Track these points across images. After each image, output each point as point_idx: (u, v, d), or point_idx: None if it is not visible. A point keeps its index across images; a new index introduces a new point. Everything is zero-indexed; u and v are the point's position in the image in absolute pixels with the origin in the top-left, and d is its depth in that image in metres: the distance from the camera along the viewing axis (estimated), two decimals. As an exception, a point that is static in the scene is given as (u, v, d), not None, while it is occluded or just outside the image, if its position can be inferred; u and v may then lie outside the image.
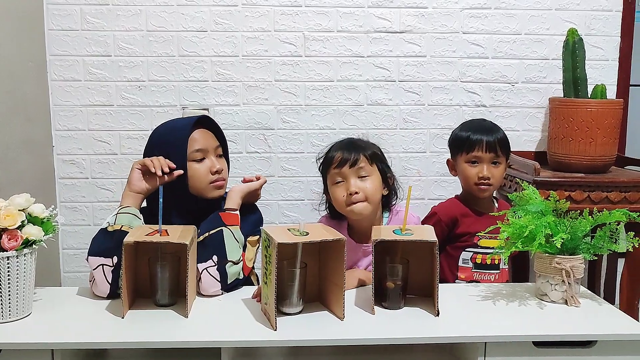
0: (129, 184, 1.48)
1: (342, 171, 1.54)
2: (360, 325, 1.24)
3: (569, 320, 1.28)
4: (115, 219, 1.41)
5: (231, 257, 1.41)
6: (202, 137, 1.52)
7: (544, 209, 1.38)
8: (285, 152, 2.31)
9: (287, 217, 2.33)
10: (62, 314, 1.28)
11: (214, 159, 1.52)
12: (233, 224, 1.45)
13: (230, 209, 1.49)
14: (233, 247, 1.42)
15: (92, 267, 1.37)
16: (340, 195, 1.55)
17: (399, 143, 2.32)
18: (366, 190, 1.53)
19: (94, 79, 2.23)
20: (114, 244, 1.35)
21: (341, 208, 1.57)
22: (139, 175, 1.48)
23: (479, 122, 1.79)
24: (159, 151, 1.49)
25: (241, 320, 1.25)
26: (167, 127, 1.56)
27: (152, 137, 1.56)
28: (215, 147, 1.54)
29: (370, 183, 1.54)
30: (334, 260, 1.28)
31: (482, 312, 1.32)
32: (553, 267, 1.36)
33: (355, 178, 1.54)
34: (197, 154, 1.50)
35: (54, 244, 2.27)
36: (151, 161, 1.46)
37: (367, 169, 1.55)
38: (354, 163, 1.53)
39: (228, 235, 1.43)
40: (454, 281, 1.71)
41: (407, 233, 1.33)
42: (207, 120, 1.56)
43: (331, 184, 1.58)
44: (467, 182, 1.73)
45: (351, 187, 1.53)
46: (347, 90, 2.29)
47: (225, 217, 1.46)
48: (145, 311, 1.29)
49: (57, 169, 2.27)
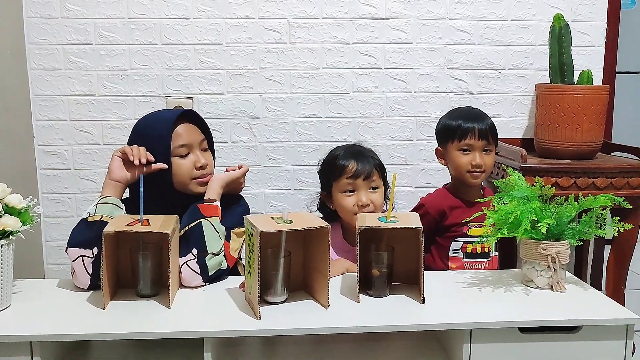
0: (109, 172, 1.45)
1: (355, 182, 1.57)
2: (345, 313, 1.23)
3: (555, 305, 1.28)
4: (96, 209, 1.38)
5: (211, 249, 1.39)
6: (186, 131, 1.49)
7: (529, 194, 1.37)
8: (271, 141, 2.28)
9: (273, 207, 2.31)
10: (42, 305, 1.25)
11: (199, 154, 1.50)
12: (212, 215, 1.43)
13: (209, 199, 1.46)
14: (213, 238, 1.40)
15: (72, 259, 1.35)
16: (349, 205, 1.58)
17: (385, 131, 2.30)
18: (375, 202, 1.58)
19: (75, 68, 2.19)
20: (94, 234, 1.33)
21: (347, 216, 1.60)
22: (120, 164, 1.45)
23: (467, 109, 1.78)
24: (142, 144, 1.46)
25: (225, 310, 1.24)
26: (149, 120, 1.53)
27: (135, 129, 1.53)
28: (200, 141, 1.51)
29: (379, 195, 1.60)
30: (319, 248, 1.27)
31: (468, 299, 1.31)
32: (539, 253, 1.35)
33: (366, 190, 1.58)
34: (182, 150, 1.47)
35: (37, 236, 2.24)
36: (131, 149, 1.44)
37: (377, 182, 1.60)
38: (368, 176, 1.57)
39: (207, 227, 1.41)
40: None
41: (392, 220, 1.32)
42: (191, 114, 1.53)
43: (339, 191, 1.60)
44: (459, 171, 1.71)
45: (362, 199, 1.56)
46: (333, 78, 2.27)
47: (204, 209, 1.43)
48: (127, 302, 1.27)
49: (38, 160, 2.23)
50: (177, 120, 1.48)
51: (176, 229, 1.34)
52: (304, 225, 1.23)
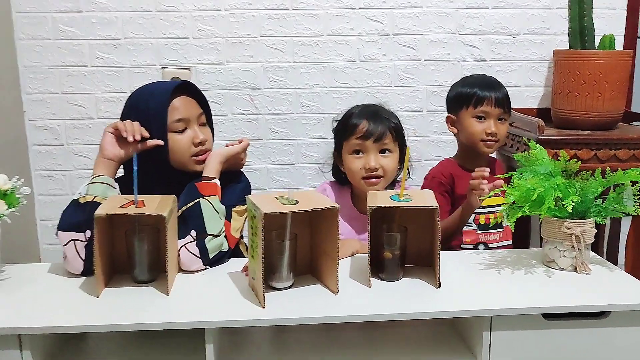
0: (101, 149, 1.36)
1: (364, 143, 1.46)
2: (355, 300, 1.14)
3: (580, 289, 1.19)
4: (88, 190, 1.29)
5: (211, 231, 1.30)
6: (183, 105, 1.38)
7: (553, 169, 1.27)
8: (274, 114, 2.18)
9: (276, 182, 2.22)
10: (31, 294, 1.17)
11: (197, 129, 1.40)
12: (211, 194, 1.33)
13: (207, 177, 1.36)
14: (212, 219, 1.31)
15: (63, 243, 1.26)
16: (357, 167, 1.47)
17: (393, 101, 2.19)
18: (385, 168, 1.47)
19: (65, 37, 2.07)
20: (86, 217, 1.23)
21: (354, 179, 1.50)
22: (112, 140, 1.36)
23: (482, 77, 1.70)
24: (136, 119, 1.36)
25: (227, 297, 1.15)
26: (144, 92, 1.42)
27: (129, 102, 1.42)
28: (197, 115, 1.41)
29: (390, 160, 1.48)
30: (327, 230, 1.18)
31: (487, 282, 1.23)
32: (562, 232, 1.26)
33: (376, 153, 1.47)
34: (179, 124, 1.37)
35: (30, 216, 2.15)
36: (124, 125, 1.34)
37: (390, 146, 1.48)
38: (379, 138, 1.46)
39: (206, 206, 1.31)
40: (460, 246, 1.62)
41: (406, 199, 1.22)
42: (188, 86, 1.43)
43: (348, 152, 1.49)
44: (472, 139, 1.63)
45: (371, 162, 1.46)
46: (338, 46, 2.14)
47: (202, 187, 1.34)
48: (122, 289, 1.19)
49: (29, 136, 2.13)
50: (174, 93, 1.37)
51: (174, 210, 1.25)
52: (310, 206, 1.14)
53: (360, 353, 1.20)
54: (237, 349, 1.20)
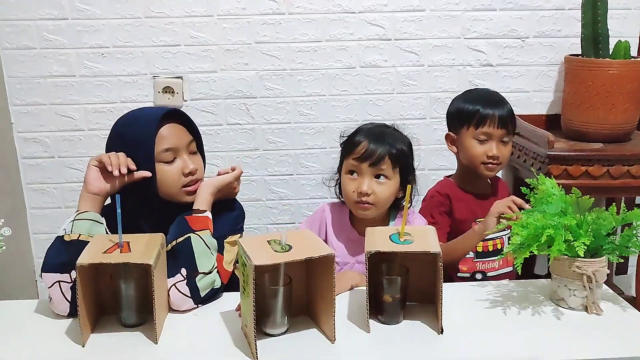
0: (86, 184, 1.29)
1: (360, 165, 1.38)
2: (353, 349, 1.08)
3: (592, 336, 1.12)
4: (72, 227, 1.23)
5: (202, 269, 1.23)
6: (171, 133, 1.31)
7: (564, 207, 1.19)
8: (270, 123, 2.09)
9: (274, 193, 2.15)
10: (14, 342, 1.11)
11: (187, 158, 1.32)
12: (202, 229, 1.26)
13: (198, 210, 1.29)
14: (203, 256, 1.24)
15: (48, 285, 1.20)
16: (350, 189, 1.40)
17: (395, 109, 2.10)
18: (378, 195, 1.38)
19: (51, 46, 1.98)
20: (70, 257, 1.17)
21: (347, 201, 1.43)
22: (97, 174, 1.28)
23: (486, 92, 1.60)
24: (121, 149, 1.29)
25: (218, 345, 1.09)
26: (129, 119, 1.34)
27: (114, 130, 1.35)
28: (187, 143, 1.33)
29: (385, 188, 1.39)
30: (323, 275, 1.11)
31: (491, 326, 1.15)
32: (572, 271, 1.19)
33: (370, 178, 1.38)
34: (167, 155, 1.30)
35: (24, 230, 2.10)
36: (108, 157, 1.27)
37: (387, 172, 1.38)
38: (376, 162, 1.37)
39: (197, 242, 1.25)
40: (456, 275, 1.55)
41: (407, 241, 1.15)
42: (177, 113, 1.35)
43: (344, 171, 1.42)
44: (473, 161, 1.54)
45: (363, 186, 1.37)
46: (337, 52, 2.05)
47: (193, 222, 1.27)
48: (109, 335, 1.13)
49: (18, 149, 2.06)
50: (161, 121, 1.30)
51: (162, 253, 1.18)
52: (305, 253, 1.06)
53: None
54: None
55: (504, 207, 1.36)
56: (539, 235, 1.17)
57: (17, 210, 2.06)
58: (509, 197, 1.39)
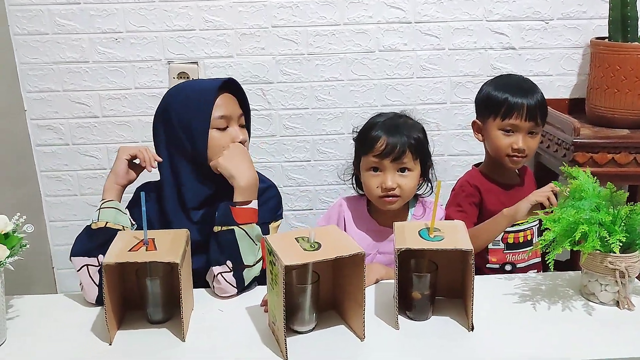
0: (117, 175, 1.31)
1: (382, 162, 1.37)
2: (383, 346, 1.07)
3: (624, 332, 1.10)
4: (99, 215, 1.26)
5: (248, 262, 1.24)
6: (226, 102, 1.32)
7: (598, 203, 1.16)
8: (287, 109, 2.05)
9: (292, 179, 2.12)
10: (40, 339, 1.11)
11: (237, 129, 1.33)
12: (247, 222, 1.25)
13: (243, 202, 1.27)
14: (249, 249, 1.25)
15: (77, 269, 1.24)
16: (373, 186, 1.39)
17: (415, 94, 2.06)
18: (403, 188, 1.38)
19: (63, 32, 1.94)
20: (98, 242, 1.22)
21: (370, 196, 1.42)
22: (126, 167, 1.32)
23: (518, 80, 1.53)
24: (178, 114, 1.30)
25: (246, 344, 1.08)
26: (188, 86, 1.35)
27: (171, 95, 1.35)
28: (239, 115, 1.34)
29: (409, 180, 1.38)
30: (352, 274, 1.09)
31: (521, 321, 1.14)
32: (604, 266, 1.17)
33: (394, 172, 1.37)
34: (221, 122, 1.30)
35: (40, 218, 2.09)
36: (142, 154, 1.31)
37: (409, 165, 1.38)
38: (397, 157, 1.36)
39: (242, 237, 1.24)
40: (485, 266, 1.53)
41: (437, 237, 1.13)
42: (233, 84, 1.36)
43: (365, 168, 1.40)
44: (497, 153, 1.50)
45: (388, 182, 1.37)
46: (355, 35, 1.99)
47: (238, 214, 1.25)
48: (136, 332, 1.12)
49: (32, 136, 2.04)
50: (219, 89, 1.31)
51: (187, 250, 1.17)
52: (334, 252, 1.05)
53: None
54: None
55: (542, 197, 1.33)
56: (572, 231, 1.14)
57: (32, 198, 2.05)
58: (548, 186, 1.35)
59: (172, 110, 1.32)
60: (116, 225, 1.25)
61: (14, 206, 1.82)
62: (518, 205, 1.36)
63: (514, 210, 1.37)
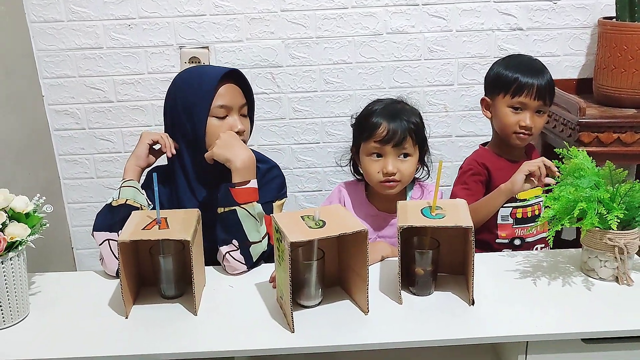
0: (138, 158, 1.38)
1: (383, 148, 1.40)
2: (387, 321, 1.11)
3: (622, 307, 1.13)
4: (120, 193, 1.33)
5: (253, 239, 1.29)
6: (228, 92, 1.35)
7: (597, 181, 1.19)
8: (296, 92, 2.09)
9: (301, 161, 2.16)
10: (61, 314, 1.17)
11: (237, 118, 1.37)
12: (247, 201, 1.30)
13: (241, 182, 1.31)
14: (252, 227, 1.29)
15: (98, 243, 1.31)
16: (374, 171, 1.42)
17: (423, 75, 2.08)
18: (403, 172, 1.41)
19: (78, 19, 1.99)
20: (118, 218, 1.28)
21: (371, 181, 1.46)
22: (147, 150, 1.38)
23: (528, 60, 1.56)
24: (182, 99, 1.35)
25: (255, 317, 1.14)
26: (194, 73, 1.40)
27: (176, 82, 1.40)
28: (241, 105, 1.38)
29: (409, 165, 1.42)
30: (356, 251, 1.14)
31: (522, 298, 1.17)
32: (604, 243, 1.20)
33: (394, 157, 1.41)
34: (220, 111, 1.34)
35: (59, 200, 2.16)
36: (165, 141, 1.37)
37: (409, 150, 1.42)
38: (399, 143, 1.39)
39: (244, 215, 1.29)
40: (495, 241, 1.56)
41: (439, 215, 1.16)
42: (236, 74, 1.39)
43: (366, 154, 1.44)
44: (504, 130, 1.53)
45: (389, 167, 1.40)
46: (363, 18, 2.01)
47: (238, 194, 1.30)
48: (150, 307, 1.19)
49: (50, 121, 2.10)
50: (222, 79, 1.35)
51: (198, 229, 1.22)
52: (338, 229, 1.09)
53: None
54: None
55: (534, 166, 1.36)
56: (571, 208, 1.17)
57: (51, 182, 2.12)
58: (539, 158, 1.39)
59: (178, 94, 1.36)
60: (135, 204, 1.31)
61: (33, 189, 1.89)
62: (513, 178, 1.40)
63: (510, 183, 1.41)
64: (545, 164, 1.36)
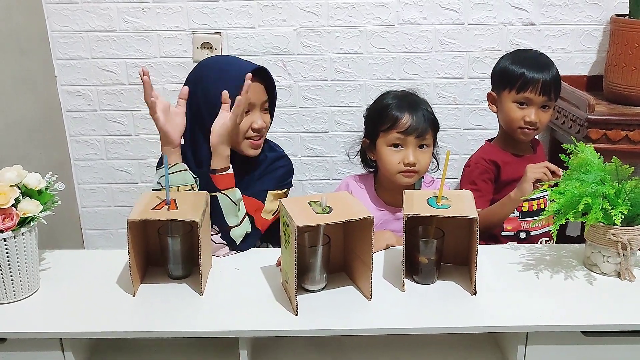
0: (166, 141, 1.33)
1: (406, 138, 1.42)
2: (389, 308, 1.13)
3: (623, 302, 1.14)
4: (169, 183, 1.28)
5: (231, 223, 1.32)
6: (252, 89, 1.35)
7: (602, 176, 1.19)
8: (307, 80, 2.10)
9: (310, 150, 2.18)
10: (70, 290, 1.20)
11: (258, 114, 1.39)
12: (227, 187, 1.32)
13: (219, 169, 1.32)
14: (231, 212, 1.32)
15: None
16: (394, 161, 1.44)
17: (433, 68, 2.08)
18: (422, 163, 1.44)
19: (92, 1, 2.00)
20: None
21: (389, 172, 1.46)
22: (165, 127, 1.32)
23: (535, 55, 1.56)
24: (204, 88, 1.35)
25: (260, 299, 1.16)
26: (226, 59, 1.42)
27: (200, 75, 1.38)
28: (263, 101, 1.40)
29: (427, 156, 1.45)
30: (361, 238, 1.15)
31: (524, 289, 1.19)
32: (607, 238, 1.20)
33: (415, 148, 1.43)
34: None
35: (69, 180, 2.19)
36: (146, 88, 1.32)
37: (428, 141, 1.44)
38: (421, 134, 1.42)
39: (224, 201, 1.32)
40: (501, 234, 1.58)
41: (444, 205, 1.18)
42: (263, 72, 1.41)
43: (386, 144, 1.45)
44: (510, 125, 1.54)
45: (410, 157, 1.42)
46: (375, 9, 2.02)
47: (218, 180, 1.32)
48: (157, 286, 1.21)
49: (62, 101, 2.12)
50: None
51: (207, 211, 1.24)
52: (345, 216, 1.11)
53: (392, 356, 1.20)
54: (271, 352, 1.22)
55: (539, 173, 1.38)
56: (577, 203, 1.18)
57: (62, 162, 2.14)
58: (542, 162, 1.40)
59: (201, 84, 1.36)
60: (186, 187, 1.30)
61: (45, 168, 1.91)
62: (521, 186, 1.41)
63: (519, 192, 1.42)
64: (550, 168, 1.38)
